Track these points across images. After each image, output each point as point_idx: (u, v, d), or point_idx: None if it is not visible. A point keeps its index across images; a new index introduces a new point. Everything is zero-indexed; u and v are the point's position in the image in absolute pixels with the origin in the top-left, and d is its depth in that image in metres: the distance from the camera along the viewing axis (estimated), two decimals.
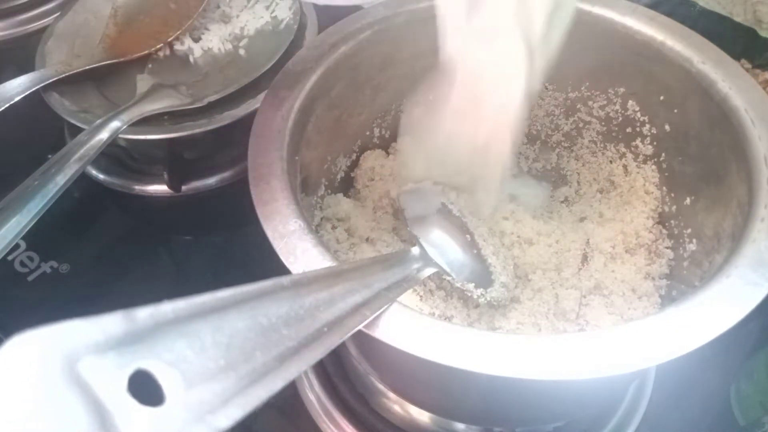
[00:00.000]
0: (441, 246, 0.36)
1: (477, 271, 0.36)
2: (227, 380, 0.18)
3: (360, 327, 0.25)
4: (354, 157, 0.44)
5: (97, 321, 0.16)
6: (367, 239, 0.40)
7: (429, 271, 0.33)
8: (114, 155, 0.56)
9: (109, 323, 0.16)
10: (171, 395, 0.16)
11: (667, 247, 0.40)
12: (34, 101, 0.52)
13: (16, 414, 0.14)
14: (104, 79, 0.56)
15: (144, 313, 0.17)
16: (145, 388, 0.16)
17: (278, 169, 0.32)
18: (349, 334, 0.24)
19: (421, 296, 0.38)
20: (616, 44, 0.40)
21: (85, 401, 0.15)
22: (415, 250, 0.34)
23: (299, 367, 0.20)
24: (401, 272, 0.30)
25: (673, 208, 0.40)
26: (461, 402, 0.35)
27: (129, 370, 0.16)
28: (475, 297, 0.36)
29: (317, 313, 0.22)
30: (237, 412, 0.17)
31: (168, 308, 0.17)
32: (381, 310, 0.26)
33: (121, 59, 0.56)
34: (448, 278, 0.36)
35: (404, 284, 0.29)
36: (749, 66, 0.51)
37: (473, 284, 0.36)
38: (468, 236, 0.37)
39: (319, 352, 0.22)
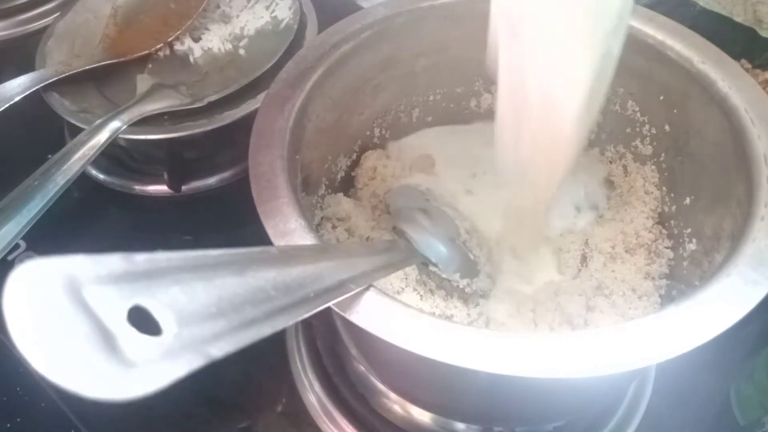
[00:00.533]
0: (427, 239, 0.37)
1: (462, 263, 0.38)
2: (218, 324, 0.19)
3: (345, 296, 0.25)
4: (354, 156, 0.45)
5: (98, 257, 0.17)
6: (366, 239, 0.40)
7: (414, 260, 0.34)
8: (114, 155, 0.56)
9: (110, 261, 0.17)
10: (167, 329, 0.17)
11: (666, 247, 0.40)
12: (34, 101, 0.52)
13: (29, 325, 0.15)
14: (104, 79, 0.56)
15: (141, 257, 0.18)
16: (143, 324, 0.17)
17: (279, 169, 0.32)
18: (334, 302, 0.25)
19: (421, 296, 0.38)
20: None
21: (90, 321, 0.16)
22: (401, 242, 0.35)
23: (286, 322, 0.21)
24: (386, 259, 0.31)
25: (673, 207, 0.40)
26: (462, 401, 0.35)
27: (128, 304, 0.17)
28: (461, 287, 0.38)
29: (304, 282, 0.23)
30: (228, 346, 0.18)
31: (163, 257, 0.19)
32: (364, 286, 0.27)
33: (121, 59, 0.56)
34: (434, 269, 0.37)
35: (389, 269, 0.30)
36: (749, 66, 0.51)
37: (458, 274, 0.37)
38: (453, 230, 0.38)
39: (305, 311, 0.23)
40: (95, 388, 0.15)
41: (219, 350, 0.18)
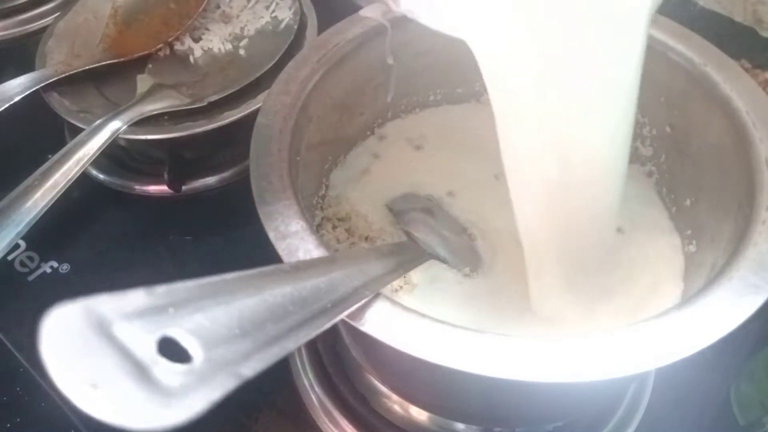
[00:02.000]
0: (433, 237, 0.38)
1: (470, 255, 0.38)
2: (244, 344, 0.19)
3: (361, 303, 0.26)
4: None
5: (121, 295, 0.18)
6: (366, 238, 0.40)
7: (422, 260, 0.35)
8: (114, 155, 0.56)
9: (133, 296, 0.18)
10: (196, 355, 0.18)
11: None
12: (34, 101, 0.52)
13: (68, 368, 0.16)
14: (104, 79, 0.56)
15: (161, 289, 0.19)
16: (172, 353, 0.18)
17: (280, 169, 0.32)
18: (352, 309, 0.25)
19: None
20: None
21: (124, 356, 0.17)
22: (408, 243, 0.35)
23: (308, 335, 0.22)
24: (395, 261, 0.31)
25: (673, 210, 0.40)
26: (461, 402, 0.35)
27: (156, 336, 0.18)
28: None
29: (319, 294, 0.24)
30: (258, 364, 0.19)
31: (181, 286, 0.20)
32: (379, 290, 0.27)
33: (121, 59, 0.56)
34: (443, 265, 0.37)
35: (399, 271, 0.31)
36: (749, 66, 0.50)
37: (468, 268, 0.37)
38: (457, 225, 0.39)
39: (324, 322, 0.23)
40: (139, 419, 0.16)
41: (249, 369, 0.19)
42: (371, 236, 0.40)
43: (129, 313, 0.18)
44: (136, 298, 0.18)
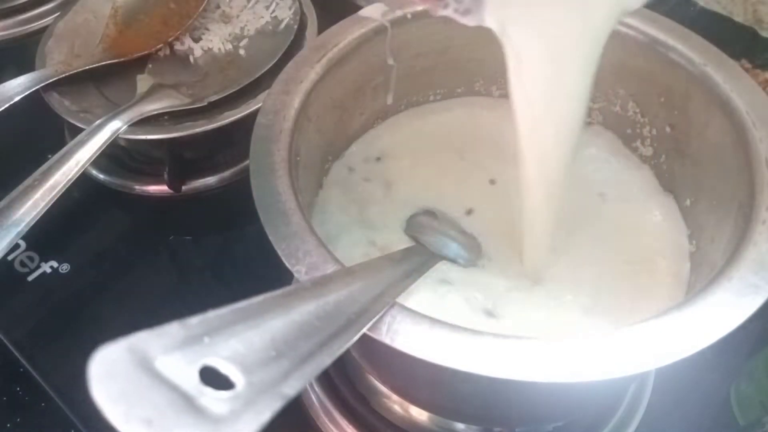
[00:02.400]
0: (438, 238, 0.38)
1: (475, 249, 0.38)
2: (281, 365, 0.20)
3: (384, 311, 0.26)
4: None
5: (159, 330, 0.18)
6: None
7: (432, 262, 0.35)
8: (114, 155, 0.56)
9: (169, 330, 0.19)
10: (237, 381, 0.19)
11: None
12: (34, 101, 0.52)
13: (120, 406, 0.16)
14: (104, 79, 0.56)
15: (195, 320, 0.19)
16: (214, 380, 0.18)
17: (280, 170, 0.32)
18: (377, 317, 0.26)
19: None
20: (616, 45, 0.40)
21: (170, 389, 0.17)
22: (417, 247, 0.35)
23: (341, 347, 0.23)
24: (408, 266, 0.32)
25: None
26: (461, 402, 0.35)
27: (197, 366, 0.18)
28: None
29: (342, 307, 0.25)
30: (298, 382, 0.20)
31: (213, 315, 0.20)
32: (397, 297, 0.28)
33: (121, 59, 0.56)
34: (452, 264, 0.37)
35: (413, 276, 0.31)
36: (749, 66, 0.51)
37: (472, 260, 0.38)
38: (455, 224, 0.39)
39: (354, 333, 0.24)
40: None
41: (291, 388, 0.19)
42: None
43: (168, 347, 0.18)
44: (172, 331, 0.19)
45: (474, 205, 0.40)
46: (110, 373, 0.17)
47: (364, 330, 0.25)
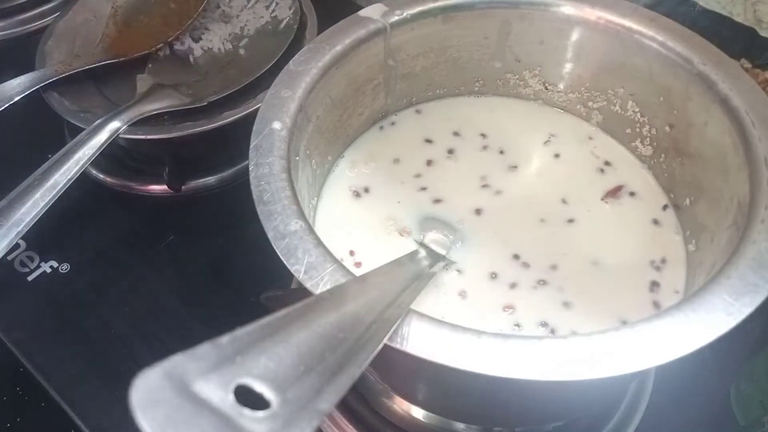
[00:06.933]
0: (439, 239, 0.38)
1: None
2: (311, 379, 0.20)
3: (402, 317, 0.26)
4: None
5: (192, 353, 0.19)
6: None
7: (439, 264, 0.35)
8: (114, 155, 0.56)
9: (202, 352, 0.19)
10: (272, 399, 0.19)
11: None
12: (34, 101, 0.52)
13: (166, 431, 0.17)
14: (104, 79, 0.56)
15: (225, 339, 0.20)
16: (248, 399, 0.18)
17: (279, 170, 0.32)
18: (397, 324, 0.26)
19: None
20: (616, 45, 0.40)
21: (209, 411, 0.17)
22: (420, 250, 0.35)
23: (367, 356, 0.23)
24: (416, 269, 0.32)
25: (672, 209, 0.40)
26: (461, 402, 0.35)
27: (231, 386, 0.18)
28: None
29: (360, 316, 0.25)
30: (332, 397, 0.20)
31: (241, 332, 0.20)
32: (411, 302, 0.28)
33: (121, 59, 0.56)
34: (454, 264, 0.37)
35: (422, 279, 0.32)
36: (749, 66, 0.51)
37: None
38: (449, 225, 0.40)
39: (378, 341, 0.24)
40: None
41: (326, 403, 0.20)
42: None
43: (204, 370, 0.18)
44: (205, 352, 0.19)
45: (482, 205, 0.41)
46: (153, 401, 0.17)
47: (385, 339, 0.25)
